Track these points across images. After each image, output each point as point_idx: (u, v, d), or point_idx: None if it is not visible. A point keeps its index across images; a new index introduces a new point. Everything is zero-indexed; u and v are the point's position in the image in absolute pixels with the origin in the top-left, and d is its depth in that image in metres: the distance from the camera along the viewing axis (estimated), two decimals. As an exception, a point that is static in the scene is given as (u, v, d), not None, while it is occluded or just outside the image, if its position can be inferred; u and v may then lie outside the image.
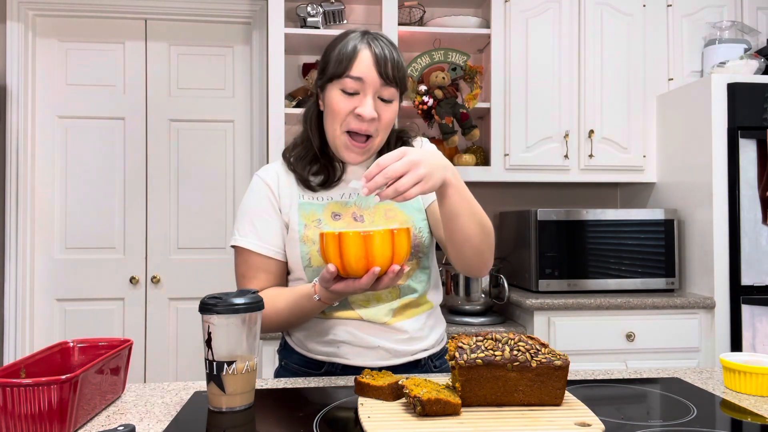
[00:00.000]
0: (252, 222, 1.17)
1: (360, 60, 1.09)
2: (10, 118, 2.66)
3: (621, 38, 2.54)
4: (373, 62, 1.09)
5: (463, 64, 2.43)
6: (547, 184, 2.85)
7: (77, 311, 2.75)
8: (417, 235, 1.16)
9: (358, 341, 1.14)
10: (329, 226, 1.14)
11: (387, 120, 1.13)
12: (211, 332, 0.88)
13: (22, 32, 2.67)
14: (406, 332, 1.15)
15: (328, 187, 1.19)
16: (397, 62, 1.12)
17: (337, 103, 1.11)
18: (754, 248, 2.17)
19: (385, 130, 1.15)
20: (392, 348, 1.14)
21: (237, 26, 2.85)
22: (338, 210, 1.17)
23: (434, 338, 1.22)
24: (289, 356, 1.22)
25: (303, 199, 1.17)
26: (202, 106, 2.83)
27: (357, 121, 1.10)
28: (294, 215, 1.16)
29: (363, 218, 1.16)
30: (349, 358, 1.14)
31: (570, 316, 2.17)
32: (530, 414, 0.82)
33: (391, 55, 1.11)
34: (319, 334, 1.16)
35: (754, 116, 2.19)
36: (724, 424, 0.84)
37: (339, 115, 1.11)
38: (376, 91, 1.11)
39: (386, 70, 1.10)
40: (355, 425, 0.82)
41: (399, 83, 1.13)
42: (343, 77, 1.09)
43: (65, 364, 0.96)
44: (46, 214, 2.75)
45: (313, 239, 1.13)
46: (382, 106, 1.12)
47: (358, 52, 1.09)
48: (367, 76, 1.09)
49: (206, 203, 2.83)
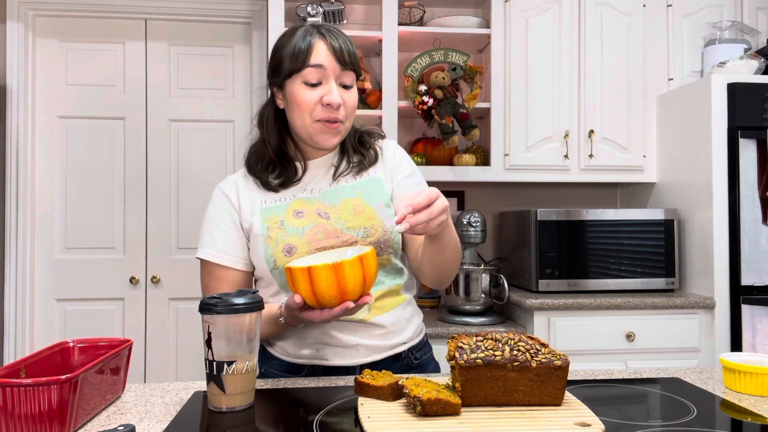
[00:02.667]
0: (211, 233, 1.19)
1: (317, 50, 1.11)
2: (10, 118, 2.66)
3: (621, 38, 2.54)
4: (330, 51, 1.12)
5: (463, 64, 2.43)
6: (547, 184, 2.85)
7: (77, 311, 2.75)
8: (387, 231, 1.15)
9: (336, 342, 1.14)
10: (291, 225, 1.13)
11: (352, 105, 1.16)
12: (211, 332, 0.88)
13: (22, 32, 2.67)
14: (383, 327, 1.15)
15: (289, 186, 1.19)
16: (351, 51, 1.15)
17: (301, 95, 1.12)
18: (754, 248, 2.17)
19: (351, 114, 1.17)
20: (371, 344, 1.15)
21: (237, 26, 2.85)
22: (301, 207, 1.16)
23: (412, 330, 1.22)
24: (268, 362, 1.20)
25: (265, 204, 1.18)
26: (202, 106, 2.83)
27: (326, 111, 1.12)
28: (257, 221, 1.16)
29: (328, 215, 1.15)
30: (329, 359, 1.14)
31: (570, 316, 2.17)
32: (530, 414, 0.82)
33: (345, 43, 1.14)
34: (297, 338, 1.16)
35: (754, 116, 2.19)
36: (724, 424, 0.84)
37: (306, 106, 1.12)
38: (337, 77, 1.13)
39: (343, 56, 1.12)
40: (355, 425, 0.82)
41: (356, 68, 1.16)
42: (304, 69, 1.11)
43: (65, 364, 0.96)
44: (46, 214, 2.75)
45: (277, 240, 1.12)
46: (345, 92, 1.14)
47: (313, 44, 1.12)
48: (327, 64, 1.11)
49: (206, 203, 2.79)
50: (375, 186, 1.20)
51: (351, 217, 1.14)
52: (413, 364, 1.21)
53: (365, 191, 1.18)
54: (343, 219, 1.14)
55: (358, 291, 0.96)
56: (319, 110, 1.12)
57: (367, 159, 1.23)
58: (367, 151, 1.24)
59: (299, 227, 1.13)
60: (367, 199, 1.17)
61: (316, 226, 1.13)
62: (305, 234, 1.12)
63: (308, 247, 1.11)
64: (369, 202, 1.17)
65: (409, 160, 1.27)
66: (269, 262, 1.13)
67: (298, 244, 1.11)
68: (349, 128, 1.19)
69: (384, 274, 1.17)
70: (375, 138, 1.28)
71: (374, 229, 1.13)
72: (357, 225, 1.13)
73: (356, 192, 1.18)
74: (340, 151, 1.24)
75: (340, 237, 1.12)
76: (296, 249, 1.10)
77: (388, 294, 1.17)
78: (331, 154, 1.23)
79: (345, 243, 1.12)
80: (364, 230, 1.13)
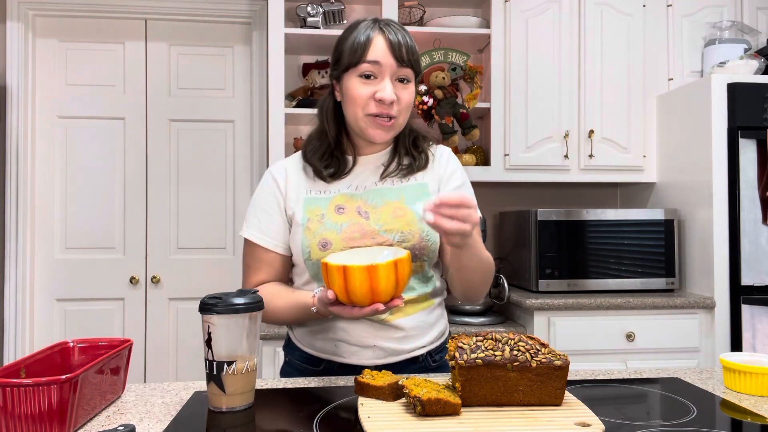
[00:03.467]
0: (257, 215, 1.21)
1: (375, 45, 1.11)
2: (10, 118, 2.66)
3: (621, 38, 2.54)
4: (388, 47, 1.11)
5: (463, 64, 2.43)
6: (547, 184, 2.85)
7: (77, 311, 2.75)
8: (424, 238, 1.15)
9: (354, 340, 1.14)
10: (330, 221, 1.14)
11: (407, 101, 1.15)
12: (211, 332, 0.88)
13: (22, 32, 2.67)
14: (402, 330, 1.15)
15: (338, 178, 1.20)
16: (411, 46, 1.14)
17: (356, 89, 1.13)
18: (754, 248, 2.17)
19: (406, 111, 1.16)
20: (387, 347, 1.15)
21: (237, 26, 2.84)
22: (343, 203, 1.17)
23: (434, 334, 1.22)
24: (292, 352, 1.25)
25: (310, 195, 1.19)
26: (202, 106, 2.83)
27: (378, 106, 1.12)
28: (299, 209, 1.18)
29: (368, 214, 1.16)
30: (345, 356, 1.15)
31: (570, 316, 2.17)
32: (530, 414, 0.82)
33: (404, 39, 1.13)
34: (319, 331, 1.18)
35: (754, 116, 2.19)
36: (724, 424, 0.84)
37: (360, 100, 1.13)
38: (393, 73, 1.12)
39: (401, 53, 1.12)
40: (355, 425, 0.82)
41: (414, 65, 1.15)
42: (360, 64, 1.11)
43: (65, 364, 0.96)
44: (46, 214, 2.75)
45: (315, 232, 1.14)
46: (401, 87, 1.14)
47: (372, 39, 1.12)
48: (384, 60, 1.11)
49: (206, 203, 2.83)
50: (420, 191, 1.20)
51: (390, 219, 1.15)
52: (431, 367, 1.21)
53: (409, 195, 1.19)
54: (381, 221, 1.15)
55: (390, 293, 0.98)
56: (372, 105, 1.12)
57: (417, 163, 1.22)
58: (419, 155, 1.23)
59: (338, 223, 1.14)
60: (410, 203, 1.17)
61: (354, 225, 1.14)
62: (342, 231, 1.13)
63: (343, 244, 1.12)
64: (410, 207, 1.17)
65: (461, 170, 1.27)
66: (304, 252, 1.15)
67: (334, 240, 1.13)
68: (402, 124, 1.18)
69: (415, 280, 1.17)
70: (429, 143, 1.27)
71: (411, 235, 1.14)
72: (395, 228, 1.14)
73: (400, 195, 1.19)
74: (393, 150, 1.24)
75: (376, 238, 1.13)
76: (331, 245, 1.12)
77: (416, 300, 1.17)
78: (383, 152, 1.23)
79: (380, 245, 1.12)
80: (401, 234, 1.14)
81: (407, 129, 1.24)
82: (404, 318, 1.15)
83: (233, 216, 2.83)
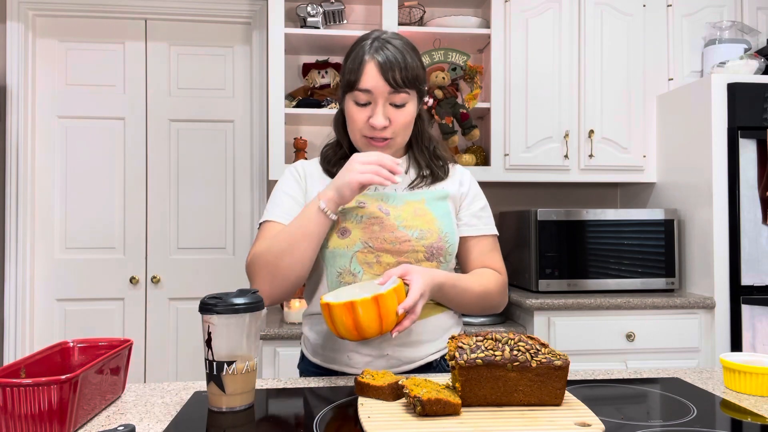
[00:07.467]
0: (279, 201, 1.20)
1: (366, 72, 1.11)
2: (10, 118, 2.66)
3: (621, 38, 2.54)
4: (379, 72, 1.11)
5: (463, 64, 2.43)
6: (547, 184, 2.85)
7: (77, 311, 2.75)
8: (442, 238, 1.16)
9: (366, 350, 1.14)
10: (351, 212, 1.15)
11: (401, 123, 1.16)
12: (211, 332, 0.88)
13: (22, 32, 2.67)
14: (416, 335, 1.14)
15: None
16: (407, 65, 1.13)
17: (351, 114, 1.16)
18: (754, 248, 2.17)
19: (403, 131, 1.17)
20: (401, 355, 1.14)
21: (237, 26, 2.84)
22: (363, 199, 1.18)
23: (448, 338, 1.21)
24: (305, 369, 1.24)
25: None
26: (202, 106, 2.83)
27: (371, 130, 1.14)
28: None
29: (388, 212, 1.16)
30: (358, 367, 1.15)
31: (570, 316, 2.17)
32: (530, 414, 0.82)
33: (400, 59, 1.12)
34: (330, 341, 1.17)
35: (754, 116, 2.19)
36: (724, 424, 0.84)
37: (356, 124, 1.16)
38: (386, 99, 1.13)
39: (394, 77, 1.11)
40: (355, 425, 0.82)
41: (410, 85, 1.14)
42: (354, 90, 1.13)
43: (65, 364, 0.96)
44: (46, 214, 2.75)
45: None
46: (395, 111, 1.14)
47: (365, 65, 1.12)
48: (375, 87, 1.11)
49: (206, 203, 2.83)
50: (440, 196, 1.21)
51: (410, 216, 1.16)
52: (446, 370, 1.20)
53: (429, 198, 1.20)
54: (402, 218, 1.16)
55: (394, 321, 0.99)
56: (367, 128, 1.15)
57: (440, 173, 1.25)
58: (440, 167, 1.26)
59: (358, 215, 1.15)
60: (430, 205, 1.19)
61: (375, 218, 1.15)
62: (362, 221, 1.14)
63: (362, 234, 1.13)
64: (430, 208, 1.19)
65: (482, 193, 1.30)
66: None
67: (353, 229, 1.13)
68: (402, 142, 1.20)
69: None
70: (449, 165, 1.29)
71: (430, 233, 1.15)
72: (414, 225, 1.15)
73: (421, 197, 1.20)
74: (409, 158, 1.25)
75: (395, 233, 1.14)
76: (350, 233, 1.13)
77: (427, 306, 1.16)
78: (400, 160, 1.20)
79: (399, 239, 1.13)
80: (420, 231, 1.14)
81: (426, 138, 1.26)
82: (418, 322, 1.14)
83: (233, 216, 2.83)
